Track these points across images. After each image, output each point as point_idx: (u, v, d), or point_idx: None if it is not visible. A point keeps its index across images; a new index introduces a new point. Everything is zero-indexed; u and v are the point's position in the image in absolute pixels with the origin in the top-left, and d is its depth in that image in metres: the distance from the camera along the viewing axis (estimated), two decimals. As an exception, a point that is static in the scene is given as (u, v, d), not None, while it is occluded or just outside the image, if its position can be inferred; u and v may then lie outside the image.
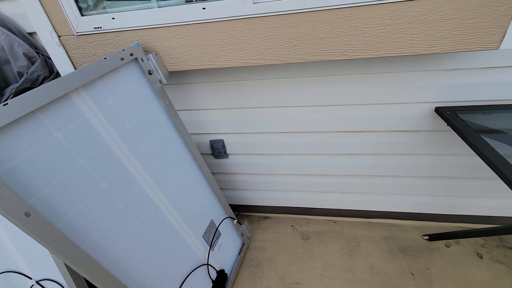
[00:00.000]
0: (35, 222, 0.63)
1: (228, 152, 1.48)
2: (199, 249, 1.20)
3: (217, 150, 1.47)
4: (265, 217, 1.74)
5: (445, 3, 0.78)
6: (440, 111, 1.10)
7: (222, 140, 1.43)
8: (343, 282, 1.32)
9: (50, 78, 1.26)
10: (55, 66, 1.29)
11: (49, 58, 1.28)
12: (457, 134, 1.00)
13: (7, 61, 1.21)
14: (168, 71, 1.01)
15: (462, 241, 1.43)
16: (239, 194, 1.70)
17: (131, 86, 0.92)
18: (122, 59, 0.87)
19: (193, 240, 1.17)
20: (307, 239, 1.56)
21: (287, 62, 0.92)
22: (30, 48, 1.20)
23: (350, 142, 1.30)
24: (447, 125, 1.07)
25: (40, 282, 1.08)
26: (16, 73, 1.23)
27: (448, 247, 1.42)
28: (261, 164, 1.50)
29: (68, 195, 0.73)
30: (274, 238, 1.60)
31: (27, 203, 0.62)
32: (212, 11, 0.86)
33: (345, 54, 0.88)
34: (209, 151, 1.49)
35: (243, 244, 1.52)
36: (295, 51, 0.90)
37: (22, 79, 1.21)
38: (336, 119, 1.23)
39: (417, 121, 1.17)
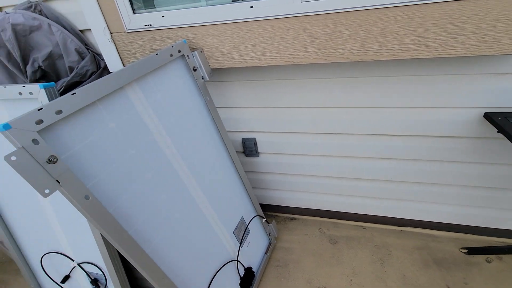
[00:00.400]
0: (93, 205, 0.66)
1: (259, 150, 1.49)
2: (230, 244, 1.21)
3: (249, 148, 1.48)
4: (292, 218, 1.73)
5: (508, 2, 0.74)
6: (490, 117, 1.04)
7: (254, 139, 1.45)
8: (373, 290, 1.28)
9: (97, 73, 1.34)
10: (102, 61, 1.36)
11: (97, 54, 1.36)
12: (511, 141, 0.94)
13: (60, 56, 1.30)
14: (211, 68, 1.03)
15: (505, 257, 1.34)
16: (267, 193, 1.70)
17: (176, 81, 0.95)
18: (171, 55, 0.90)
19: (224, 235, 1.18)
20: (335, 243, 1.53)
21: (331, 61, 0.91)
22: (81, 44, 1.28)
23: (387, 145, 1.26)
24: (498, 131, 1.00)
25: (81, 265, 1.14)
26: (67, 68, 1.31)
27: (489, 262, 1.33)
28: (291, 164, 1.49)
29: (119, 183, 0.76)
30: (301, 240, 1.58)
31: (86, 187, 0.66)
32: (259, 10, 0.87)
33: (393, 54, 0.86)
34: (241, 149, 1.51)
35: (270, 244, 1.52)
36: (341, 51, 0.89)
37: (73, 73, 1.29)
38: (374, 122, 1.20)
39: (463, 126, 1.11)
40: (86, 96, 0.66)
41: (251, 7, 0.88)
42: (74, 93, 0.64)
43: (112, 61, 1.11)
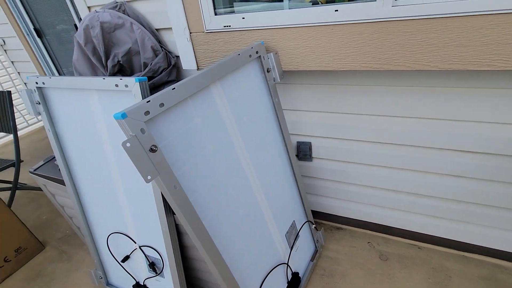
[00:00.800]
0: (179, 194, 0.70)
1: (313, 155, 1.47)
2: (281, 247, 1.21)
3: (303, 152, 1.46)
4: (338, 228, 1.68)
5: None
6: None
7: (310, 143, 1.43)
8: (430, 316, 1.19)
9: (167, 70, 1.42)
10: (172, 59, 1.45)
11: (169, 52, 1.44)
12: None
13: (137, 53, 1.41)
14: (282, 70, 1.04)
15: None
16: (314, 199, 1.67)
17: (251, 82, 0.97)
18: (250, 56, 0.92)
19: (277, 237, 1.18)
20: (385, 260, 1.45)
21: (415, 69, 0.86)
22: (156, 42, 1.37)
23: (459, 162, 1.17)
24: None
25: (142, 247, 1.22)
26: (142, 64, 1.41)
27: None
28: (345, 172, 1.45)
29: (198, 176, 0.80)
30: (348, 251, 1.53)
31: (175, 177, 0.70)
32: (344, 13, 0.86)
33: (491, 65, 0.79)
34: (295, 152, 1.50)
35: (316, 251, 1.49)
36: (428, 58, 0.84)
37: (147, 69, 1.38)
38: (449, 135, 1.11)
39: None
40: (182, 91, 0.71)
41: (336, 10, 0.86)
42: (174, 88, 0.68)
43: (187, 59, 1.17)
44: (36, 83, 1.01)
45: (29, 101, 1.05)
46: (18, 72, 3.12)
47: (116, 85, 0.85)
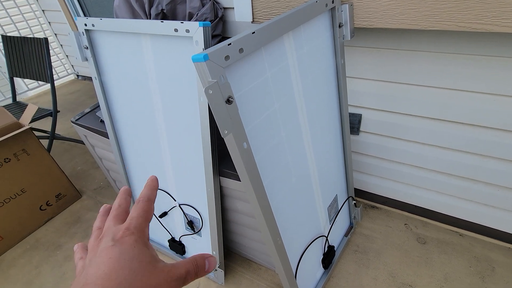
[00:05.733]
0: (247, 153, 0.65)
1: (361, 129, 1.37)
2: (323, 219, 1.17)
3: (351, 124, 1.36)
4: (373, 207, 1.63)
5: None
6: None
7: (361, 115, 1.32)
8: (470, 303, 1.16)
9: (214, 22, 1.31)
10: (219, 11, 1.33)
11: (217, 3, 1.32)
12: None
13: (183, 1, 1.29)
14: (354, 27, 0.91)
15: None
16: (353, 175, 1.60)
17: (320, 37, 0.86)
18: (326, 5, 0.80)
19: (320, 210, 1.14)
20: (423, 243, 1.40)
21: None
22: (204, -10, 1.25)
23: (535, 149, 1.04)
24: None
25: (181, 206, 1.22)
26: (187, 13, 1.30)
27: None
28: (393, 149, 1.35)
29: (263, 135, 0.73)
30: (383, 230, 1.48)
31: (245, 134, 0.64)
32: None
33: None
34: (349, 124, 1.39)
35: (351, 227, 1.46)
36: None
37: (193, 19, 1.28)
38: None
39: None
40: (261, 38, 0.62)
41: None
42: (254, 32, 0.59)
43: (242, 8, 1.06)
44: (85, 24, 0.94)
45: (77, 45, 0.99)
46: (49, 22, 3.07)
47: (176, 30, 0.76)
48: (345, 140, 1.15)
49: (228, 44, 0.54)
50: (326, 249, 1.25)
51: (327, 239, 1.22)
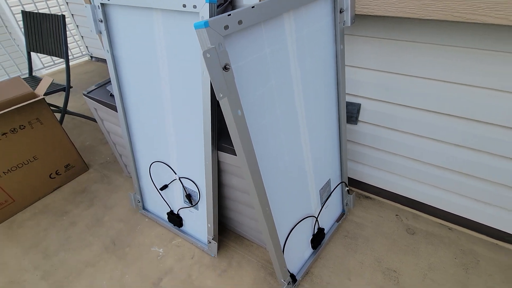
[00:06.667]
0: (241, 120, 0.70)
1: (360, 118, 1.41)
2: (314, 201, 1.22)
3: (349, 113, 1.40)
4: (366, 197, 1.67)
5: None
6: None
7: (359, 105, 1.36)
8: (450, 291, 1.20)
9: (223, 5, 1.35)
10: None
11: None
12: None
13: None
14: (355, 14, 0.95)
15: None
16: (348, 165, 1.64)
17: (321, 21, 0.90)
18: (328, -11, 0.84)
19: (313, 191, 1.19)
20: (412, 234, 1.44)
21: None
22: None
23: (526, 146, 1.07)
24: None
25: (181, 179, 1.28)
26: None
27: None
28: (390, 141, 1.39)
29: (258, 111, 0.79)
30: (374, 219, 1.53)
31: (240, 102, 0.69)
32: None
33: None
34: (345, 110, 1.43)
35: (343, 214, 1.50)
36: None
37: None
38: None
39: None
40: (260, 13, 0.66)
41: None
42: (253, 6, 0.64)
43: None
44: (101, -2, 1.01)
45: (92, 18, 1.06)
46: (67, 3, 3.16)
47: (184, 5, 0.81)
48: (341, 126, 1.20)
49: (228, 15, 0.59)
50: (316, 230, 1.30)
51: (317, 220, 1.27)
